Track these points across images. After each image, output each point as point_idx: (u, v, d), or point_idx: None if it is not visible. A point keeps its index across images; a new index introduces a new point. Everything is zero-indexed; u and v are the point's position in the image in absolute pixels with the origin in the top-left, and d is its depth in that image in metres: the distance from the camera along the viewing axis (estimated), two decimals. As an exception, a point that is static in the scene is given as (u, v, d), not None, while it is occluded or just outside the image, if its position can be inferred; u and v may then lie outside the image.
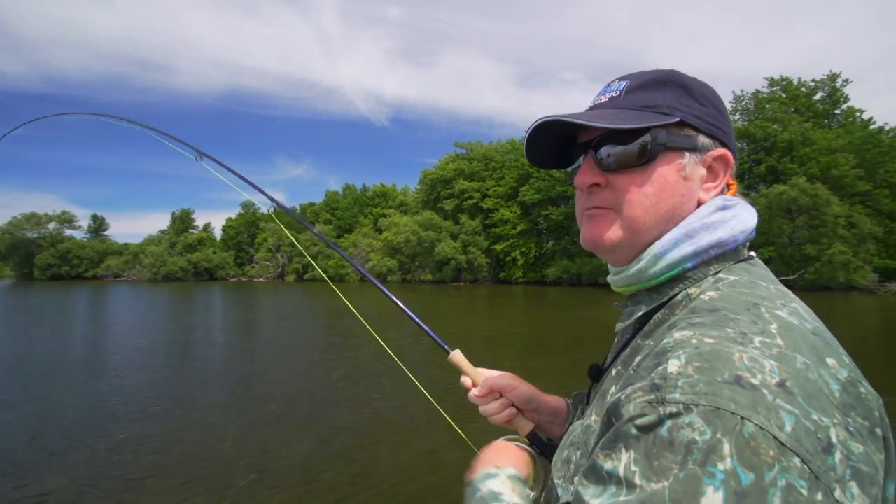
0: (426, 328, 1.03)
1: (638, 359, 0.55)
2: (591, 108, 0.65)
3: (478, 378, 0.93)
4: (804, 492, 0.36)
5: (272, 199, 1.65)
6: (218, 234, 66.14)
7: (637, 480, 0.41)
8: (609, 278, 0.65)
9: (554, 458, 0.65)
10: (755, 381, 0.40)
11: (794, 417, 0.39)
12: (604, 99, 0.64)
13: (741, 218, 0.59)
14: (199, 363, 10.02)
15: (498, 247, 39.32)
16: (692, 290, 0.57)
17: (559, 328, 15.03)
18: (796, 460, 0.37)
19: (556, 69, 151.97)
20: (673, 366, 0.44)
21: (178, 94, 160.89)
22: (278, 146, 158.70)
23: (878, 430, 0.43)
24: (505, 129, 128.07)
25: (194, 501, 4.12)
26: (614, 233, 0.61)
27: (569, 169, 0.71)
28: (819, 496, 0.37)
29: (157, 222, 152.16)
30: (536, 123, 0.62)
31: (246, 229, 62.87)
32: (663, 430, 0.41)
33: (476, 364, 0.97)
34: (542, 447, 0.86)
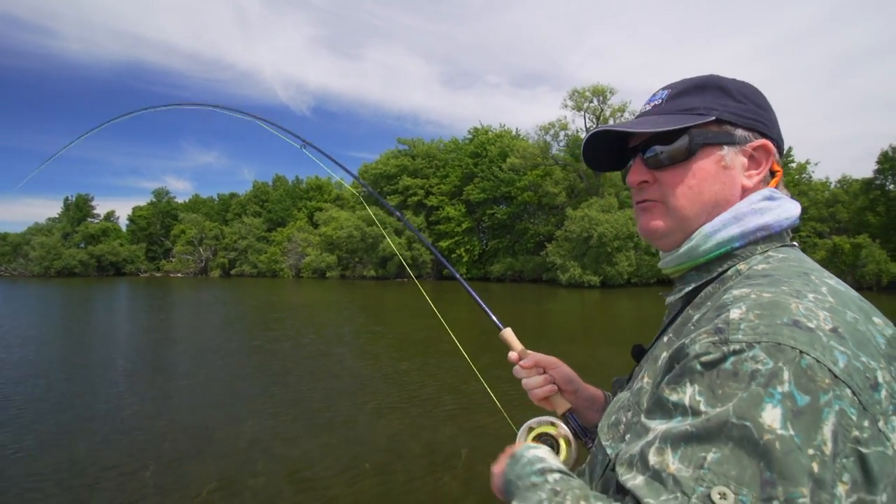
0: (483, 305, 1.13)
1: (695, 318, 0.59)
2: (637, 117, 0.73)
3: (525, 354, 0.99)
4: (854, 417, 0.42)
5: (365, 186, 1.88)
6: (123, 223, 59.14)
7: (702, 408, 0.45)
8: (660, 263, 0.72)
9: (601, 424, 0.69)
10: (811, 325, 0.45)
11: (846, 356, 0.44)
12: (649, 107, 0.72)
13: (786, 207, 0.64)
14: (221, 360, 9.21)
15: (443, 244, 39.68)
16: (741, 266, 0.62)
17: (509, 321, 15.72)
18: (848, 391, 0.42)
19: (482, 72, 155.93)
20: (735, 313, 0.48)
21: (61, 62, 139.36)
22: (185, 130, 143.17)
23: None
24: (430, 126, 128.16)
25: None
26: (664, 221, 0.69)
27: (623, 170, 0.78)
28: (866, 423, 0.42)
29: (40, 209, 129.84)
30: (592, 132, 0.73)
31: (159, 219, 56.79)
32: (727, 365, 0.45)
33: (435, 354, 1.11)
34: (578, 428, 0.90)
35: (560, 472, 0.64)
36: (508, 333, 1.02)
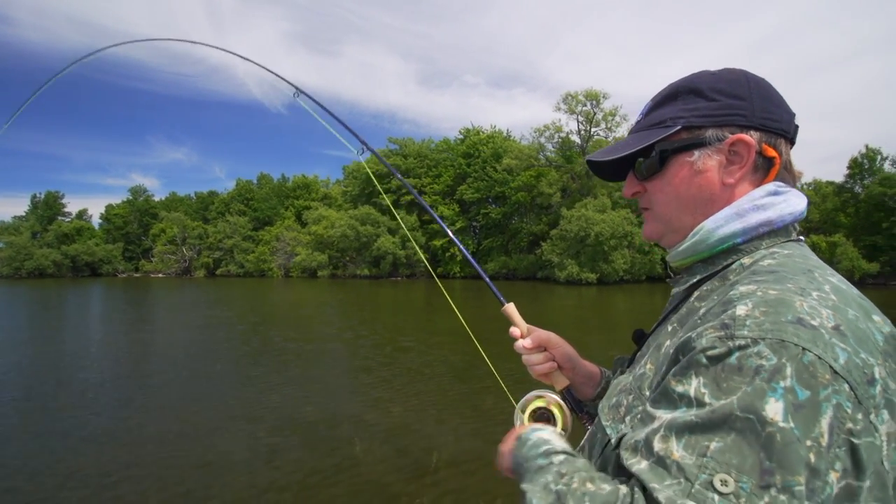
0: (488, 280, 1.18)
1: (702, 311, 0.60)
2: (630, 133, 0.77)
3: (526, 330, 0.99)
4: (849, 411, 0.45)
5: (363, 143, 1.66)
6: (96, 222, 56.79)
7: (707, 399, 0.48)
8: (668, 257, 0.75)
9: (601, 405, 0.72)
10: (815, 323, 0.48)
11: (847, 353, 0.47)
12: (635, 123, 0.77)
13: (791, 202, 0.65)
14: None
15: (436, 242, 40.05)
16: (745, 261, 0.63)
17: (500, 317, 16.43)
18: (846, 386, 0.45)
19: (459, 71, 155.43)
20: (741, 310, 0.51)
21: (16, 50, 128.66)
22: (153, 125, 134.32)
23: None
24: (407, 125, 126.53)
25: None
26: (654, 227, 0.75)
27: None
28: (860, 416, 0.45)
29: (1, 207, 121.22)
30: (587, 160, 0.81)
31: (136, 218, 54.83)
32: (732, 359, 0.48)
33: (429, 347, 1.45)
34: (574, 403, 0.94)
35: (565, 452, 0.66)
36: (511, 308, 1.02)
